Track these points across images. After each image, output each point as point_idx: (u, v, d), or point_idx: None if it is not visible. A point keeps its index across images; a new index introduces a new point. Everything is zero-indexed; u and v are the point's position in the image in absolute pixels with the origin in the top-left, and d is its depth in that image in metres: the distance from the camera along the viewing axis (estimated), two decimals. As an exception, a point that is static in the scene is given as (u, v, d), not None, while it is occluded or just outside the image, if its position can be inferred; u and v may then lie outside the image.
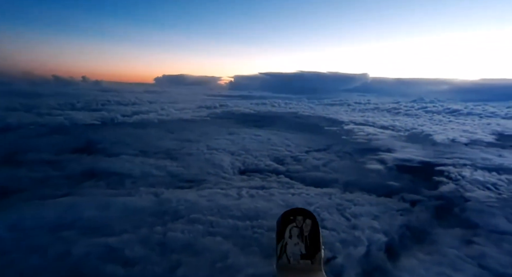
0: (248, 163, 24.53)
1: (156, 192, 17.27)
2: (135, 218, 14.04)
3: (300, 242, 1.78)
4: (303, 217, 1.83)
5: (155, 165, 22.74)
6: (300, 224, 1.81)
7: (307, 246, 1.77)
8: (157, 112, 52.62)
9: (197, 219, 14.03)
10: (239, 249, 12.01)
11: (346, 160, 26.57)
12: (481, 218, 15.48)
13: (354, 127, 41.41)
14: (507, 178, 20.75)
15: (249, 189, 18.41)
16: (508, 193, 18.50)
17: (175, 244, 12.08)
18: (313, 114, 58.27)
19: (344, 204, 16.72)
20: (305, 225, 1.81)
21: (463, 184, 20.00)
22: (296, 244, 1.78)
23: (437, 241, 13.70)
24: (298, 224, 1.82)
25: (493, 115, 57.90)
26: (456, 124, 45.57)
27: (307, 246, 1.77)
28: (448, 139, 33.04)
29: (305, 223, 1.81)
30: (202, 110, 60.59)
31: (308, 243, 1.77)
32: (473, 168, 23.07)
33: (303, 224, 1.81)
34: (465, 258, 12.11)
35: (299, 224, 1.82)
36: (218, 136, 33.63)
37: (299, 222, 1.82)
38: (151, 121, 44.12)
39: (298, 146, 30.67)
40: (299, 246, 1.77)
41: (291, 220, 1.84)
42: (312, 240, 1.78)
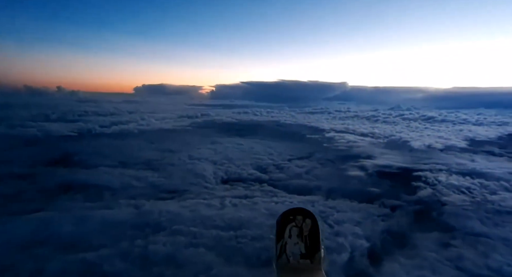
0: (231, 172, 24.37)
1: (136, 204, 16.77)
2: (115, 232, 13.54)
3: (299, 242, 1.77)
4: (303, 217, 1.83)
5: (135, 176, 22.15)
6: (300, 224, 1.81)
7: (307, 245, 1.76)
8: (137, 123, 51.36)
9: (179, 231, 13.69)
10: (223, 259, 11.79)
11: (328, 167, 26.94)
12: (457, 221, 15.99)
13: (335, 135, 42.15)
14: (480, 181, 21.66)
15: (232, 198, 18.22)
16: (481, 196, 19.28)
17: (156, 257, 11.71)
18: (295, 122, 58.93)
19: (327, 211, 16.87)
20: (304, 225, 1.80)
21: (439, 188, 20.69)
22: (295, 243, 1.77)
23: (417, 245, 14.01)
24: (297, 224, 1.81)
25: (465, 122, 60.78)
26: (431, 131, 47.36)
27: (307, 245, 1.76)
28: (424, 145, 34.22)
29: (304, 222, 1.81)
30: (183, 119, 59.90)
31: (307, 243, 1.77)
32: (448, 172, 23.95)
33: (302, 223, 1.81)
34: (443, 261, 12.44)
35: (299, 223, 1.81)
36: (200, 146, 33.29)
37: (299, 221, 1.82)
38: (131, 132, 43.03)
39: (281, 154, 30.84)
40: (299, 245, 1.77)
41: (291, 219, 1.83)
42: (311, 239, 1.77)
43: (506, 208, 17.30)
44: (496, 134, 45.06)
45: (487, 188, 20.48)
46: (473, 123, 59.04)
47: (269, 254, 7.04)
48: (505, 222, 15.75)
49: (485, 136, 42.58)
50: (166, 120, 57.19)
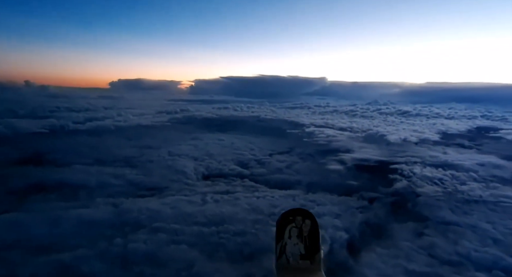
0: (212, 168, 24.21)
1: (114, 202, 16.32)
2: (92, 231, 13.15)
3: (299, 242, 1.76)
4: (302, 217, 1.81)
5: (113, 173, 21.50)
6: (300, 224, 1.79)
7: (307, 246, 1.75)
8: (114, 119, 49.70)
9: (160, 228, 13.48)
10: (205, 256, 11.75)
11: (308, 162, 27.35)
12: (430, 211, 16.79)
13: (315, 130, 42.77)
14: (451, 173, 22.77)
15: (213, 194, 18.15)
16: (452, 187, 20.30)
17: (137, 255, 11.49)
18: (275, 117, 59.18)
19: (307, 205, 17.17)
20: (304, 225, 1.78)
21: (414, 180, 21.56)
22: (295, 244, 1.76)
23: (393, 235, 14.58)
24: (297, 224, 1.79)
25: (438, 116, 63.51)
26: (407, 125, 49.14)
27: (307, 246, 1.75)
28: (400, 139, 35.43)
29: (304, 223, 1.79)
30: (162, 115, 58.48)
31: (307, 243, 1.75)
32: (422, 165, 25.00)
33: (302, 224, 1.79)
34: (417, 249, 13.06)
35: (299, 224, 1.79)
36: (180, 142, 32.80)
37: (299, 222, 1.80)
38: (107, 128, 41.57)
39: (262, 149, 30.95)
40: (299, 246, 1.75)
41: (291, 220, 1.81)
42: (311, 240, 1.76)
43: (474, 197, 18.34)
44: (466, 127, 47.49)
45: (457, 179, 21.57)
46: (445, 117, 61.81)
47: (251, 248, 7.08)
48: (473, 210, 16.70)
49: (456, 130, 44.78)
50: (144, 116, 55.64)
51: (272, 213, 15.89)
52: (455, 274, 11.36)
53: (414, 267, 11.74)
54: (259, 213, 15.82)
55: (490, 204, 17.35)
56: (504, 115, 63.30)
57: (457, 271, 11.51)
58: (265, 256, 11.84)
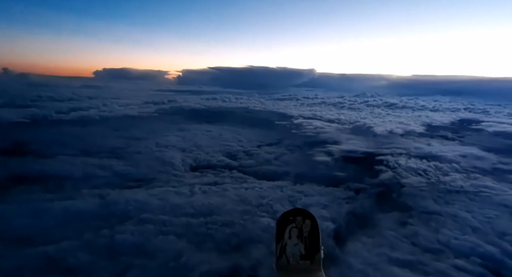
0: (200, 159, 24.09)
1: (101, 194, 16.09)
2: (78, 223, 12.95)
3: (299, 243, 1.77)
4: (302, 218, 1.82)
5: (99, 165, 21.13)
6: (300, 225, 1.80)
7: (307, 246, 1.76)
8: (99, 109, 48.50)
9: (148, 219, 13.40)
10: (193, 246, 11.78)
11: (296, 153, 27.55)
12: (414, 201, 17.27)
13: (303, 121, 43.02)
14: (434, 164, 23.43)
15: (201, 186, 18.11)
16: (435, 177, 20.92)
17: (124, 246, 11.41)
18: (264, 109, 59.11)
19: (295, 196, 17.38)
20: (304, 226, 1.79)
21: (399, 171, 22.07)
22: (295, 244, 1.77)
23: (378, 224, 14.96)
24: (297, 225, 1.80)
25: (423, 108, 64.84)
26: (393, 117, 50.00)
27: (307, 246, 1.76)
28: (386, 131, 36.10)
29: (304, 223, 1.80)
30: (149, 106, 57.45)
31: (307, 244, 1.76)
32: (407, 156, 25.59)
33: (302, 224, 1.80)
34: (401, 238, 13.46)
35: (299, 224, 1.80)
36: (168, 133, 32.40)
37: (299, 222, 1.81)
38: (92, 119, 40.64)
39: (250, 141, 30.96)
40: (299, 246, 1.76)
41: (291, 220, 1.82)
42: (311, 240, 1.77)
43: (456, 188, 18.97)
44: (449, 120, 48.76)
45: (440, 170, 22.22)
46: (430, 109, 63.18)
47: (239, 238, 7.15)
48: (454, 200, 17.30)
49: (440, 122, 45.91)
50: (130, 106, 54.57)
51: (260, 204, 16.02)
52: (436, 261, 11.78)
53: (398, 255, 12.11)
54: (247, 204, 15.92)
55: (470, 194, 17.98)
56: (486, 108, 65.19)
57: (437, 259, 11.93)
58: (252, 246, 11.99)
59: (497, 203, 16.70)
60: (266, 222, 13.93)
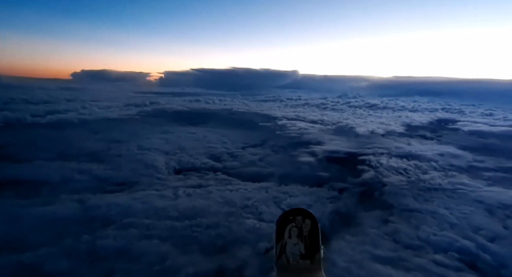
0: (184, 162, 23.81)
1: (80, 199, 15.57)
2: (56, 229, 12.50)
3: (299, 242, 1.77)
4: (302, 217, 1.82)
5: (78, 169, 20.46)
6: (300, 224, 1.80)
7: (307, 246, 1.77)
8: (77, 112, 46.81)
9: (130, 223, 13.11)
10: (178, 249, 11.61)
11: (281, 154, 27.71)
12: (395, 199, 17.73)
13: (287, 123, 43.30)
14: (414, 163, 24.15)
15: (186, 188, 17.90)
16: (415, 176, 21.56)
17: (106, 251, 11.10)
18: (248, 110, 59.07)
19: (280, 197, 17.46)
20: (304, 225, 1.80)
21: (381, 170, 22.60)
22: (295, 244, 1.77)
23: (361, 223, 15.26)
24: (297, 224, 1.81)
25: (403, 109, 66.75)
26: (374, 117, 51.16)
27: (307, 246, 1.77)
28: (368, 131, 36.86)
29: (304, 223, 1.81)
30: (130, 108, 56.02)
31: (307, 243, 1.77)
32: (388, 156, 26.25)
33: (302, 224, 1.80)
34: (383, 236, 13.79)
35: (299, 224, 1.81)
36: (150, 136, 31.81)
37: (299, 222, 1.81)
38: (70, 122, 39.19)
39: (234, 142, 30.88)
40: (299, 246, 1.77)
41: (291, 220, 1.82)
42: (311, 240, 1.78)
43: (434, 186, 19.62)
44: (428, 120, 50.42)
45: (420, 169, 22.93)
46: (410, 110, 65.16)
47: (225, 240, 7.11)
48: (433, 197, 17.88)
49: (419, 122, 47.40)
50: (111, 109, 53.06)
51: (245, 205, 16.00)
52: (416, 257, 12.13)
53: (380, 252, 12.38)
54: (232, 205, 15.86)
55: (448, 191, 18.64)
56: (461, 108, 67.93)
57: (418, 254, 12.29)
58: (238, 248, 11.95)
59: (472, 199, 17.39)
60: (251, 223, 13.93)
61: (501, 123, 46.44)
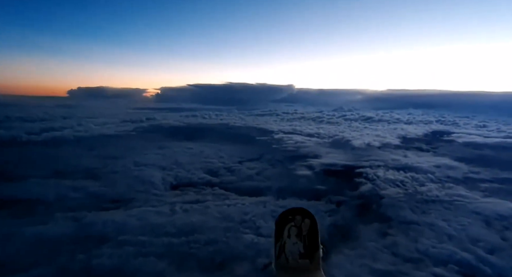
0: (181, 177, 23.70)
1: (76, 217, 15.39)
2: (50, 248, 12.28)
3: (298, 242, 1.78)
4: (301, 217, 1.83)
5: (74, 186, 20.27)
6: (299, 224, 1.81)
7: (306, 245, 1.78)
8: (73, 129, 46.57)
9: (126, 241, 12.92)
10: (175, 267, 11.43)
11: (278, 168, 27.69)
12: (393, 211, 17.67)
13: (284, 136, 43.45)
14: (411, 175, 24.21)
15: (183, 204, 17.77)
16: (412, 188, 21.58)
17: (101, 270, 10.90)
18: (244, 125, 59.27)
19: (278, 211, 16.93)
20: (303, 225, 1.81)
21: (378, 183, 22.60)
22: (294, 243, 1.78)
23: (359, 236, 15.14)
24: (296, 224, 1.81)
25: (398, 121, 67.31)
26: (370, 130, 51.47)
27: (306, 245, 1.78)
28: (364, 143, 37.03)
29: (303, 222, 1.82)
30: (126, 124, 55.98)
31: (306, 243, 1.78)
32: (385, 168, 26.30)
33: (301, 223, 1.82)
34: (382, 249, 13.69)
35: (298, 223, 1.82)
36: (147, 152, 31.75)
37: (298, 221, 1.82)
38: (66, 139, 39.00)
39: (231, 157, 30.85)
40: (298, 245, 1.78)
41: (290, 219, 1.83)
42: (310, 239, 1.79)
43: (432, 197, 19.63)
44: (423, 132, 50.80)
45: (417, 180, 22.98)
46: (405, 122, 65.66)
47: (223, 256, 7.06)
48: (431, 209, 17.86)
49: (414, 134, 47.72)
50: (107, 125, 52.97)
51: (243, 220, 15.86)
52: (416, 270, 12.02)
53: (379, 266, 12.26)
54: (230, 220, 15.71)
55: (445, 203, 18.64)
56: (455, 120, 68.68)
57: (417, 267, 12.18)
58: (236, 263, 11.77)
59: (470, 210, 17.39)
60: (250, 238, 13.77)
61: (495, 134, 46.90)
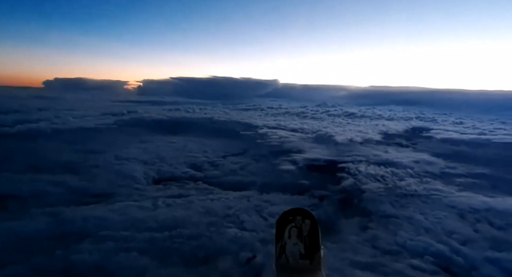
0: (164, 172, 23.37)
1: (53, 212, 14.88)
2: (26, 246, 11.84)
3: (299, 242, 1.77)
4: (302, 217, 1.82)
5: (51, 181, 19.57)
6: (299, 224, 1.80)
7: (306, 246, 1.76)
8: (50, 121, 44.46)
9: (107, 236, 12.65)
10: (158, 262, 11.31)
11: (262, 163, 27.80)
12: (374, 206, 18.16)
13: (268, 131, 43.44)
14: (391, 170, 24.88)
15: (165, 199, 17.55)
16: (392, 183, 22.18)
17: (82, 267, 10.63)
18: (229, 119, 58.78)
19: (262, 205, 17.47)
20: (304, 225, 1.80)
21: (360, 178, 23.09)
22: (295, 244, 1.77)
23: (341, 230, 15.50)
24: (297, 224, 1.81)
25: (379, 117, 68.70)
26: (352, 126, 52.28)
27: (306, 246, 1.76)
28: (347, 139, 37.53)
29: (304, 223, 1.81)
30: (107, 117, 54.09)
31: (307, 243, 1.77)
32: (367, 163, 26.86)
33: (302, 224, 1.80)
34: (362, 242, 14.07)
35: (298, 224, 1.81)
36: (128, 145, 31.03)
37: (298, 222, 1.81)
38: (43, 132, 37.10)
39: (215, 151, 30.70)
40: (298, 246, 1.76)
41: (290, 220, 1.82)
42: (311, 240, 1.78)
43: (410, 192, 20.26)
44: (403, 128, 52.13)
45: (397, 175, 23.65)
46: (386, 118, 67.13)
47: (207, 251, 7.02)
48: (409, 203, 18.46)
49: (395, 130, 48.93)
50: (86, 118, 50.99)
51: (227, 214, 15.87)
52: (395, 262, 12.42)
53: (360, 258, 12.59)
54: (214, 215, 15.69)
55: (423, 197, 19.29)
56: (434, 116, 70.87)
57: (396, 259, 12.60)
58: (220, 258, 11.79)
59: (446, 204, 18.08)
60: (233, 233, 13.80)
61: (471, 131, 48.78)
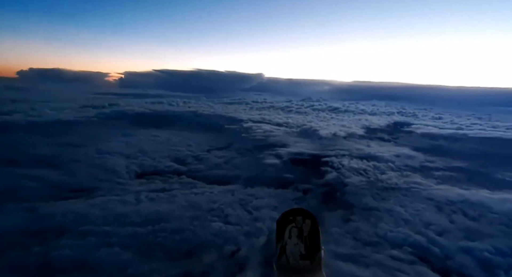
0: (146, 166, 23.00)
1: (31, 207, 14.40)
2: (1, 242, 11.40)
3: (299, 242, 1.77)
4: (302, 217, 1.83)
5: (28, 175, 18.88)
6: (300, 224, 1.81)
7: (307, 246, 1.77)
8: (26, 113, 42.73)
9: (88, 231, 12.39)
10: (140, 256, 11.18)
11: (246, 157, 27.81)
12: (356, 199, 18.59)
13: (253, 125, 43.46)
14: (373, 164, 25.51)
15: (148, 193, 17.33)
16: (373, 176, 22.76)
17: (62, 263, 10.37)
18: (213, 113, 58.22)
19: (246, 199, 17.53)
20: (304, 225, 1.81)
21: (343, 171, 23.54)
22: (295, 244, 1.77)
23: (324, 222, 15.75)
24: (297, 224, 1.81)
25: (363, 112, 70.00)
26: (336, 120, 53.09)
27: (307, 246, 1.77)
28: (330, 133, 38.16)
29: (304, 223, 1.81)
30: (87, 110, 52.32)
31: (307, 243, 1.77)
32: (350, 157, 27.43)
33: (302, 224, 1.81)
34: (344, 234, 14.42)
35: (299, 224, 1.81)
36: (110, 139, 30.28)
37: (299, 222, 1.82)
38: (17, 124, 35.66)
39: (199, 145, 30.43)
40: (299, 246, 1.77)
41: (291, 220, 1.83)
42: (311, 240, 1.78)
43: (391, 185, 20.89)
44: (385, 123, 53.41)
45: (378, 169, 24.27)
46: (369, 113, 68.48)
47: (190, 245, 6.99)
48: (390, 196, 19.02)
49: (377, 125, 50.07)
50: (65, 110, 49.13)
51: (211, 208, 15.84)
52: (375, 253, 12.81)
53: (342, 250, 12.91)
54: (198, 209, 15.62)
55: (403, 190, 19.91)
56: (415, 112, 72.94)
57: (376, 251, 13.00)
58: (204, 252, 11.78)
59: (424, 197, 18.76)
60: (218, 226, 13.82)
61: (449, 126, 50.58)
